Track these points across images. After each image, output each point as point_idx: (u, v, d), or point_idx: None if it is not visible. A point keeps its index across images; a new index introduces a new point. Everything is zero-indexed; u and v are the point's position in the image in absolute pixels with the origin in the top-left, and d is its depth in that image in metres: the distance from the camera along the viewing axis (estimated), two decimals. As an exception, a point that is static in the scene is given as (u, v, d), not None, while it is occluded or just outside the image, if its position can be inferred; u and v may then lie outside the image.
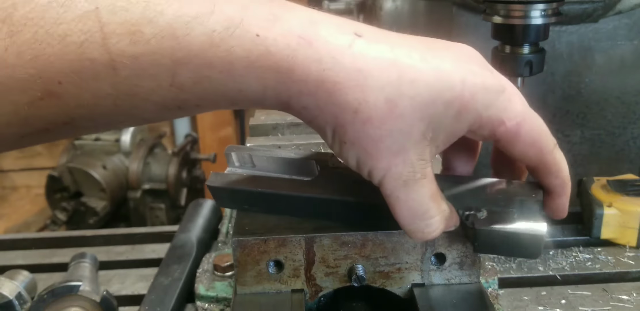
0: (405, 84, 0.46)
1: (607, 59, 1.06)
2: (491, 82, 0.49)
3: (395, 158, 0.47)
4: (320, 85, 0.45)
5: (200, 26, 0.42)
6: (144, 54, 0.41)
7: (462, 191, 0.58)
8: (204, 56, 0.42)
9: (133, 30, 0.41)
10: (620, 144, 1.12)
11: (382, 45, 0.46)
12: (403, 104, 0.46)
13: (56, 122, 0.44)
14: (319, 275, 0.61)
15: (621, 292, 0.82)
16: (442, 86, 0.46)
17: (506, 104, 0.49)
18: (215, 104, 0.47)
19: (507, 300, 0.80)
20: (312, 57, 0.44)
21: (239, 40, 0.43)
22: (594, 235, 0.92)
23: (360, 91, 0.45)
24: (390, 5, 1.23)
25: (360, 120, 0.46)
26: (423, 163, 0.48)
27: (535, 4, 0.75)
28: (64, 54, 0.40)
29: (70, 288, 0.75)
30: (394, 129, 0.46)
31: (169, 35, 0.41)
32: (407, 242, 0.60)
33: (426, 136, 0.47)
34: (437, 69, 0.47)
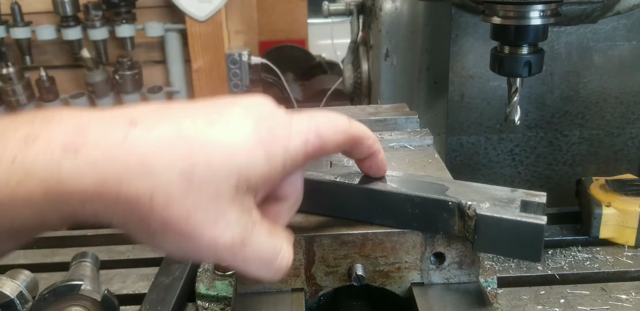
0: (197, 153, 0.44)
1: (605, 60, 1.07)
2: (281, 119, 0.49)
3: (216, 227, 0.45)
4: (102, 188, 0.42)
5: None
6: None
7: (468, 190, 0.58)
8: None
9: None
10: (619, 144, 1.13)
11: (162, 124, 0.45)
12: (200, 172, 0.44)
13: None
14: (319, 274, 0.61)
15: (620, 291, 0.82)
16: (236, 140, 0.46)
17: (301, 127, 0.50)
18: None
19: (506, 299, 0.81)
20: (82, 165, 0.42)
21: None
22: (592, 235, 0.92)
23: (149, 178, 0.43)
24: (390, 6, 1.23)
25: (159, 205, 0.43)
26: (247, 214, 0.47)
27: (534, 5, 0.76)
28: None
29: (71, 287, 0.76)
30: (200, 200, 0.44)
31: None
32: (406, 241, 0.60)
33: (240, 188, 0.46)
34: (227, 125, 0.46)
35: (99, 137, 0.44)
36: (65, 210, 0.43)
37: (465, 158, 1.14)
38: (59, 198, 0.42)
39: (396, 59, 1.26)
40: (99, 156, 0.43)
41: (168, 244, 0.46)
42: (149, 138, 0.44)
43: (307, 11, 3.05)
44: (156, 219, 0.44)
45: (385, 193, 0.58)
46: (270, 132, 0.48)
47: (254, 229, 0.47)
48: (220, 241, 0.45)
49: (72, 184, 0.42)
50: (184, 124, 0.46)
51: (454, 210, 0.57)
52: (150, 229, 0.44)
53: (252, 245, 0.47)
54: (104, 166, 0.43)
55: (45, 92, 2.40)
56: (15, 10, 2.30)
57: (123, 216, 0.44)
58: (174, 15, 2.45)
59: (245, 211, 0.47)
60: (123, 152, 0.43)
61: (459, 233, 0.58)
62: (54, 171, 0.42)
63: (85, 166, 0.42)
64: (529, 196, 0.58)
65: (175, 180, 0.43)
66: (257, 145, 0.46)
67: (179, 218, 0.44)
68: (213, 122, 0.46)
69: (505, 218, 0.54)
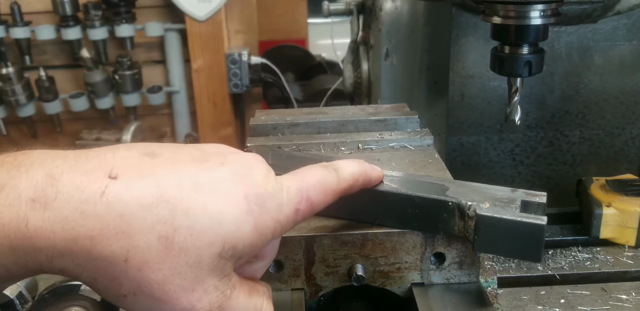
0: (180, 217, 0.42)
1: (606, 60, 1.06)
2: (271, 188, 0.46)
3: (193, 294, 0.43)
4: (73, 244, 0.40)
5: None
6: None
7: (468, 191, 0.58)
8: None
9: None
10: (619, 144, 1.12)
11: (145, 181, 0.42)
12: (181, 237, 0.42)
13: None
14: (319, 275, 0.61)
15: (620, 292, 0.82)
16: (223, 207, 0.43)
17: (291, 196, 0.47)
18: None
19: (506, 300, 0.81)
20: (52, 219, 0.40)
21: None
22: (593, 235, 0.92)
23: (126, 237, 0.41)
24: (390, 6, 1.23)
25: (134, 267, 0.41)
26: (227, 279, 0.45)
27: (534, 5, 0.75)
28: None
29: (71, 287, 0.75)
30: (178, 265, 0.42)
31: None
32: (406, 242, 0.60)
33: (224, 256, 0.44)
34: (214, 192, 0.44)
35: (73, 189, 0.41)
36: (32, 266, 0.41)
37: (466, 158, 1.14)
38: (26, 254, 0.40)
39: (396, 59, 1.26)
40: (71, 211, 0.40)
41: (139, 307, 0.44)
42: (129, 196, 0.41)
43: (307, 11, 3.05)
44: (129, 281, 0.42)
45: (385, 193, 0.58)
46: (261, 204, 0.45)
47: (232, 294, 0.46)
48: (197, 308, 0.44)
49: (40, 242, 0.40)
50: (167, 185, 0.43)
51: (454, 210, 0.56)
52: (121, 291, 0.42)
53: (231, 310, 0.46)
54: (77, 222, 0.40)
55: (44, 92, 2.40)
56: (15, 10, 2.29)
57: (93, 274, 0.42)
58: (173, 15, 2.45)
59: (225, 277, 0.45)
60: (99, 208, 0.41)
61: (459, 233, 0.57)
62: (20, 226, 0.40)
63: (55, 222, 0.40)
64: (529, 196, 0.57)
65: (154, 243, 0.41)
66: (246, 215, 0.44)
67: (154, 282, 0.42)
68: (199, 187, 0.44)
69: (505, 218, 0.53)
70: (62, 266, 0.41)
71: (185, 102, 2.61)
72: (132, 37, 2.41)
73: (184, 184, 0.43)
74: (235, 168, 0.46)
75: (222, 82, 2.48)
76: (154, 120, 2.68)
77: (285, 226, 0.48)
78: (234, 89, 2.47)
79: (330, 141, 0.79)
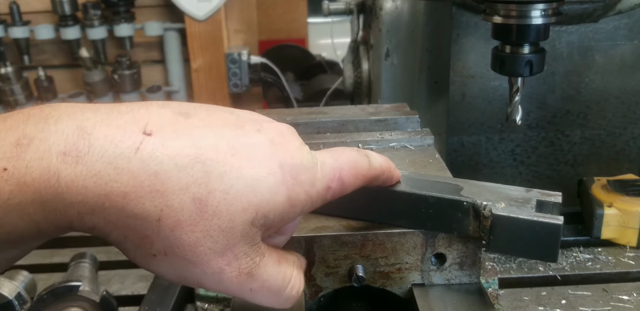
0: (215, 180, 0.41)
1: (607, 59, 1.06)
2: (306, 161, 0.46)
3: (223, 258, 0.43)
4: (105, 200, 0.39)
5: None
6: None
7: (483, 190, 0.58)
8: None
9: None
10: (620, 144, 1.12)
11: (181, 140, 0.41)
12: (215, 201, 0.41)
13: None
14: (319, 275, 0.61)
15: (621, 292, 0.82)
16: (258, 176, 0.43)
17: (326, 172, 0.47)
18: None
19: (508, 300, 0.80)
20: (84, 173, 0.39)
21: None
22: (594, 235, 0.92)
23: (160, 196, 0.40)
24: (390, 5, 1.23)
25: (167, 227, 0.41)
26: (257, 247, 0.45)
27: (535, 4, 0.75)
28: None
29: (70, 288, 0.75)
30: (210, 228, 0.42)
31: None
32: (407, 242, 0.59)
33: (255, 224, 0.43)
34: (251, 158, 0.43)
35: (107, 143, 0.40)
36: (62, 223, 0.41)
37: (466, 158, 1.13)
38: (56, 211, 0.40)
39: (397, 59, 1.26)
40: (105, 166, 0.39)
41: (167, 268, 0.43)
42: (165, 154, 0.41)
43: (307, 10, 3.05)
44: (161, 241, 0.41)
45: (399, 193, 0.58)
46: (295, 176, 0.45)
47: (262, 262, 0.45)
48: (227, 272, 0.43)
49: (71, 197, 0.39)
50: (204, 146, 0.42)
51: (469, 210, 0.56)
52: (152, 250, 0.42)
53: (260, 277, 0.45)
54: (110, 177, 0.39)
55: (43, 92, 2.40)
56: (14, 10, 2.29)
57: (124, 232, 0.42)
58: (173, 15, 2.44)
59: (255, 244, 0.45)
60: (133, 165, 0.40)
61: (473, 234, 0.57)
62: (51, 181, 0.39)
63: (87, 176, 0.39)
64: (544, 196, 0.57)
65: (188, 204, 0.41)
66: (280, 186, 0.44)
67: (186, 243, 0.41)
68: (236, 151, 0.43)
69: (521, 218, 0.53)
70: (93, 224, 0.41)
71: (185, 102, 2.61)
72: (132, 36, 2.41)
73: (220, 147, 0.43)
74: (271, 136, 0.46)
75: (221, 81, 2.47)
76: (154, 120, 2.68)
77: (315, 202, 0.47)
78: (233, 88, 2.47)
79: (330, 141, 0.79)
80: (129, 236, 0.42)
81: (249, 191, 0.42)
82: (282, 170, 0.44)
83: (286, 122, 0.83)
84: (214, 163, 0.42)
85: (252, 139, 0.45)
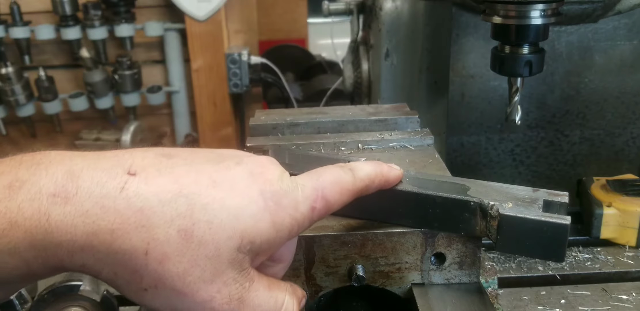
0: (198, 211, 0.43)
1: (606, 59, 1.06)
2: (286, 186, 0.47)
3: (212, 286, 0.44)
4: (94, 238, 0.41)
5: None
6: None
7: (489, 190, 0.58)
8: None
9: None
10: (619, 144, 1.12)
11: (163, 177, 0.44)
12: (200, 231, 0.43)
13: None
14: (319, 275, 0.61)
15: (621, 292, 0.82)
16: (240, 203, 0.44)
17: (307, 194, 0.48)
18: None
19: (507, 300, 0.81)
20: (73, 213, 0.41)
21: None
22: (593, 235, 0.92)
23: (146, 231, 0.41)
24: (390, 6, 1.23)
25: (155, 260, 0.42)
26: (245, 272, 0.46)
27: (534, 4, 0.75)
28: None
29: (70, 287, 0.75)
30: (198, 258, 0.43)
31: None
32: (407, 242, 0.60)
33: (242, 250, 0.45)
34: (232, 189, 0.45)
35: (93, 185, 0.42)
36: (52, 262, 0.42)
37: (466, 158, 1.13)
38: (46, 249, 0.41)
39: (396, 59, 1.26)
40: (92, 206, 0.41)
41: (159, 301, 0.44)
42: (148, 191, 0.42)
43: (307, 11, 3.05)
44: (150, 274, 0.42)
45: (406, 193, 0.58)
46: (277, 202, 0.46)
47: (252, 287, 0.46)
48: (218, 300, 0.44)
49: (61, 236, 0.41)
50: (185, 181, 0.44)
51: (476, 210, 0.56)
52: (142, 284, 0.43)
53: (252, 302, 0.46)
54: (97, 216, 0.41)
55: (44, 92, 2.40)
56: (14, 10, 2.29)
57: (114, 269, 0.42)
58: (173, 15, 2.44)
59: (243, 270, 0.45)
60: (119, 205, 0.41)
61: (480, 234, 0.57)
62: (42, 221, 0.40)
63: (75, 216, 0.41)
64: (551, 196, 0.57)
65: (174, 237, 0.42)
66: (263, 212, 0.45)
67: (174, 274, 0.42)
68: (217, 184, 0.45)
69: (529, 218, 0.53)
70: (83, 261, 0.42)
71: (185, 102, 2.61)
72: (132, 37, 2.41)
73: (201, 181, 0.44)
74: (250, 167, 0.47)
75: (221, 82, 2.48)
76: (154, 120, 2.68)
77: (301, 224, 0.48)
78: (233, 88, 2.47)
79: (330, 141, 0.79)
80: (119, 272, 0.43)
81: (232, 219, 0.44)
82: (263, 197, 0.46)
83: (287, 122, 0.84)
84: (197, 196, 0.43)
85: (232, 172, 0.46)
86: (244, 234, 0.44)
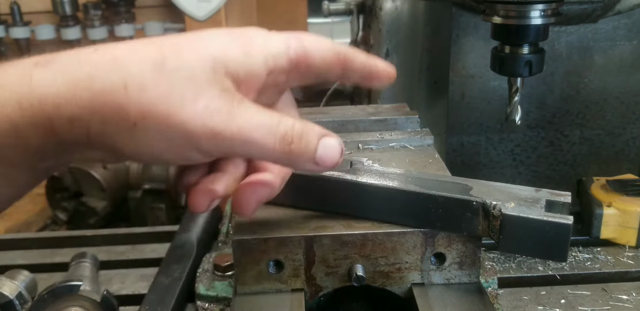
0: (169, 47, 0.46)
1: (606, 59, 1.06)
2: (257, 29, 0.51)
3: (198, 102, 0.44)
4: (75, 87, 0.43)
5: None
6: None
7: (492, 190, 0.58)
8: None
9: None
10: (619, 144, 1.12)
11: (133, 42, 0.48)
12: (172, 60, 0.45)
13: None
14: (319, 275, 0.61)
15: (621, 292, 0.82)
16: (209, 37, 0.48)
17: (278, 34, 0.51)
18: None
19: (507, 300, 0.81)
20: (53, 71, 0.44)
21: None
22: (593, 235, 0.92)
23: (121, 71, 0.44)
24: (390, 6, 1.23)
25: (134, 92, 0.43)
26: (230, 93, 0.46)
27: (534, 5, 0.75)
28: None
29: (70, 287, 0.75)
30: (175, 80, 0.44)
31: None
32: (407, 242, 0.60)
33: (218, 71, 0.46)
34: (199, 33, 0.49)
35: (70, 53, 0.46)
36: (40, 120, 0.43)
37: (466, 158, 1.13)
38: (32, 106, 0.43)
39: (396, 59, 1.26)
40: (69, 63, 0.45)
41: (152, 134, 0.44)
42: (120, 46, 0.46)
43: (307, 11, 3.05)
44: (134, 105, 0.44)
45: (408, 192, 0.58)
46: (244, 33, 0.49)
47: (242, 104, 0.46)
48: (206, 114, 0.44)
49: (44, 89, 0.43)
50: (155, 39, 0.48)
51: (479, 210, 0.56)
52: (130, 119, 0.44)
53: (243, 113, 0.46)
54: (75, 69, 0.44)
55: (44, 92, 2.40)
56: (15, 10, 2.29)
57: (100, 113, 0.44)
58: (173, 15, 2.44)
59: (226, 90, 0.46)
60: (94, 57, 0.45)
61: (482, 233, 0.57)
62: (25, 80, 0.43)
63: (56, 72, 0.44)
64: (553, 196, 0.57)
65: (148, 69, 0.44)
66: (231, 42, 0.48)
67: (156, 99, 0.44)
68: (186, 34, 0.49)
69: (531, 217, 0.53)
70: (70, 113, 0.43)
71: (185, 102, 2.61)
72: (132, 37, 2.41)
73: (170, 36, 0.49)
74: (222, 30, 0.51)
75: (222, 82, 2.48)
76: (154, 120, 2.68)
77: (277, 57, 0.49)
78: (233, 89, 2.47)
79: (330, 141, 0.79)
80: (106, 115, 0.44)
81: (201, 47, 0.47)
82: (232, 34, 0.49)
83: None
84: (167, 40, 0.47)
85: (200, 33, 0.50)
86: (215, 57, 0.46)
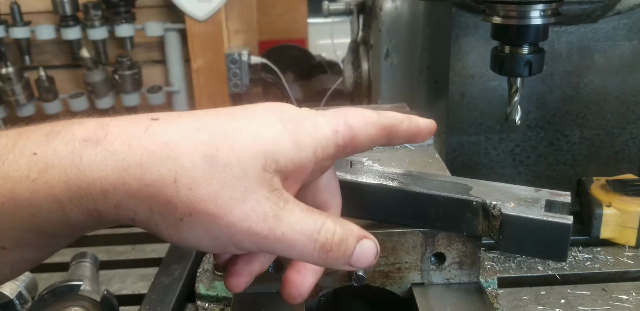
0: (220, 139, 0.45)
1: (606, 59, 1.06)
2: (305, 113, 0.50)
3: (245, 204, 0.44)
4: (124, 174, 0.43)
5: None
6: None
7: (492, 190, 0.58)
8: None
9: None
10: (619, 144, 1.12)
11: (184, 118, 0.47)
12: (224, 155, 0.45)
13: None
14: (319, 275, 0.61)
15: (620, 292, 0.82)
16: (259, 127, 0.47)
17: (328, 118, 0.50)
18: (19, 240, 0.44)
19: (507, 300, 0.81)
20: (103, 154, 0.43)
21: (15, 164, 0.42)
22: (593, 235, 0.92)
23: (172, 161, 0.44)
24: (390, 6, 1.23)
25: (184, 186, 0.43)
26: (277, 193, 0.46)
27: (534, 5, 0.75)
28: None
29: (70, 287, 0.75)
30: (226, 179, 0.44)
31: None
32: (407, 242, 0.60)
33: (268, 169, 0.46)
34: (250, 119, 0.48)
35: (120, 129, 0.45)
36: (87, 203, 0.43)
37: (466, 158, 1.13)
38: (80, 189, 0.43)
39: (396, 59, 1.26)
40: (120, 146, 0.44)
41: (197, 230, 0.45)
42: (171, 129, 0.45)
43: (307, 11, 3.05)
44: (182, 201, 0.44)
45: (408, 192, 0.58)
46: (296, 124, 0.48)
47: (287, 206, 0.46)
48: (253, 218, 0.44)
49: (93, 173, 0.43)
50: (205, 119, 0.47)
51: (478, 210, 0.56)
52: (177, 214, 0.44)
53: (289, 219, 0.46)
54: (125, 154, 0.43)
55: (44, 92, 2.40)
56: (15, 10, 2.29)
57: (147, 203, 0.44)
58: (173, 15, 2.44)
59: (275, 190, 0.46)
60: (144, 141, 0.44)
61: (482, 233, 0.57)
62: (75, 161, 0.43)
63: (106, 155, 0.43)
64: (553, 196, 0.57)
65: (199, 162, 0.44)
66: (283, 133, 0.47)
67: (205, 197, 0.44)
68: (235, 117, 0.48)
69: (531, 217, 0.53)
70: (117, 200, 0.44)
71: (185, 102, 2.61)
72: (132, 37, 2.41)
73: (220, 117, 0.48)
74: (266, 105, 0.51)
75: (222, 82, 2.48)
76: (154, 120, 2.68)
77: (325, 147, 0.49)
78: (233, 89, 2.47)
79: (330, 141, 0.79)
80: (153, 206, 0.44)
81: (254, 141, 0.46)
82: (282, 122, 0.48)
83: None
84: (217, 127, 0.46)
85: (249, 108, 0.50)
86: (266, 153, 0.46)
